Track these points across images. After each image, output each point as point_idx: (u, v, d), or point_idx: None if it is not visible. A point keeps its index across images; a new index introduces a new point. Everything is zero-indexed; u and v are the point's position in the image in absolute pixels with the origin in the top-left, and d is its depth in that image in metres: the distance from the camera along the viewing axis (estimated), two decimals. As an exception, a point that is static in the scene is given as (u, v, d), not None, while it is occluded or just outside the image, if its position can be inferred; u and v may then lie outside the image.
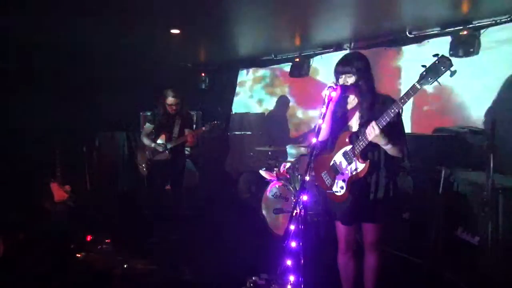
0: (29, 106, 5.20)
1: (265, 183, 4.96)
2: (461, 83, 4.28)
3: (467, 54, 4.24)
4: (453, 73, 2.12)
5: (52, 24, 4.50)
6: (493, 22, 4.10)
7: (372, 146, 2.42)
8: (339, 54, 2.67)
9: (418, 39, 4.67)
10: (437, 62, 2.13)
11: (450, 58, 2.12)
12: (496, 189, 3.18)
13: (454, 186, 3.63)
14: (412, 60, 4.79)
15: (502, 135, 3.25)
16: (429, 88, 2.27)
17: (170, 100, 4.53)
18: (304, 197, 2.17)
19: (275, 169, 4.96)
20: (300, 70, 6.09)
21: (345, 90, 2.47)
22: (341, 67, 2.53)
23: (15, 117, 5.12)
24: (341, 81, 2.50)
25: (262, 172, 5.07)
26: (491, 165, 3.13)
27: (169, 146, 4.62)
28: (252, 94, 7.34)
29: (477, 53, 4.23)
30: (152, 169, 4.75)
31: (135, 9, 3.98)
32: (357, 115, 2.56)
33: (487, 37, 4.20)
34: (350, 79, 2.49)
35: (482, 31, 4.21)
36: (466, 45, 4.24)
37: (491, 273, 3.16)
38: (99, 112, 5.88)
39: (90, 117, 5.79)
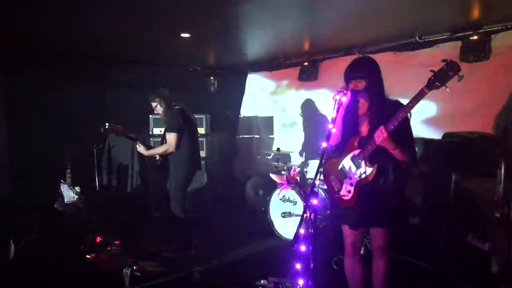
0: (40, 107, 5.27)
1: (273, 186, 4.97)
2: (472, 88, 4.25)
3: (478, 59, 4.22)
4: (461, 78, 2.15)
5: (60, 26, 4.55)
6: (504, 27, 4.07)
7: (381, 151, 2.41)
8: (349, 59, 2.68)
9: (428, 44, 4.66)
10: (445, 67, 2.18)
11: (459, 63, 2.15)
12: (507, 194, 3.16)
13: (464, 191, 3.61)
14: (421, 65, 4.78)
15: (513, 140, 3.22)
16: (439, 92, 2.28)
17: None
18: (314, 201, 2.18)
19: (283, 172, 4.97)
20: (309, 74, 6.10)
21: (355, 95, 2.48)
22: (352, 72, 2.54)
23: (26, 118, 5.19)
24: (351, 86, 2.51)
25: (273, 176, 5.08)
26: (502, 170, 3.11)
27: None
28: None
29: (487, 58, 4.21)
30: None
31: (145, 13, 4.03)
32: (367, 120, 2.56)
33: (498, 42, 4.17)
34: (360, 84, 2.50)
35: (492, 36, 4.19)
36: (476, 50, 4.21)
37: (502, 280, 3.13)
38: (109, 114, 5.93)
39: (100, 119, 5.85)
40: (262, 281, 3.32)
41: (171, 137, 4.14)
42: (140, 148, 4.36)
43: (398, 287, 2.90)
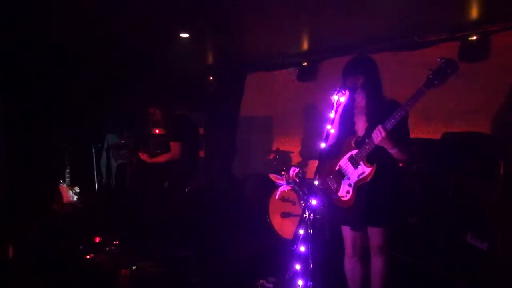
0: (38, 107, 5.26)
1: (272, 186, 4.96)
2: (471, 88, 4.25)
3: (477, 59, 4.21)
4: (459, 76, 2.13)
5: (60, 26, 4.54)
6: (503, 27, 4.07)
7: (379, 150, 2.41)
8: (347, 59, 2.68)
9: (427, 44, 4.65)
10: (443, 65, 2.15)
11: (457, 61, 2.13)
12: (506, 194, 3.16)
13: (463, 191, 3.61)
14: (421, 64, 4.78)
15: (512, 140, 3.23)
16: (438, 92, 2.28)
17: None
18: (313, 202, 2.17)
19: (282, 172, 4.96)
20: (308, 74, 6.09)
21: (353, 92, 2.48)
22: (350, 70, 2.54)
23: (25, 119, 5.18)
24: (349, 84, 2.51)
25: (271, 176, 5.06)
26: (501, 170, 3.12)
27: None
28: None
29: (486, 58, 4.21)
30: None
31: (145, 13, 4.02)
32: (363, 119, 2.56)
33: (497, 42, 4.17)
34: (358, 81, 2.50)
35: (491, 36, 4.19)
36: (475, 50, 4.21)
37: (500, 279, 3.14)
38: (108, 114, 5.93)
39: (99, 119, 5.85)
40: (261, 281, 3.33)
41: (176, 146, 4.20)
42: (144, 156, 4.42)
43: (396, 286, 2.90)
